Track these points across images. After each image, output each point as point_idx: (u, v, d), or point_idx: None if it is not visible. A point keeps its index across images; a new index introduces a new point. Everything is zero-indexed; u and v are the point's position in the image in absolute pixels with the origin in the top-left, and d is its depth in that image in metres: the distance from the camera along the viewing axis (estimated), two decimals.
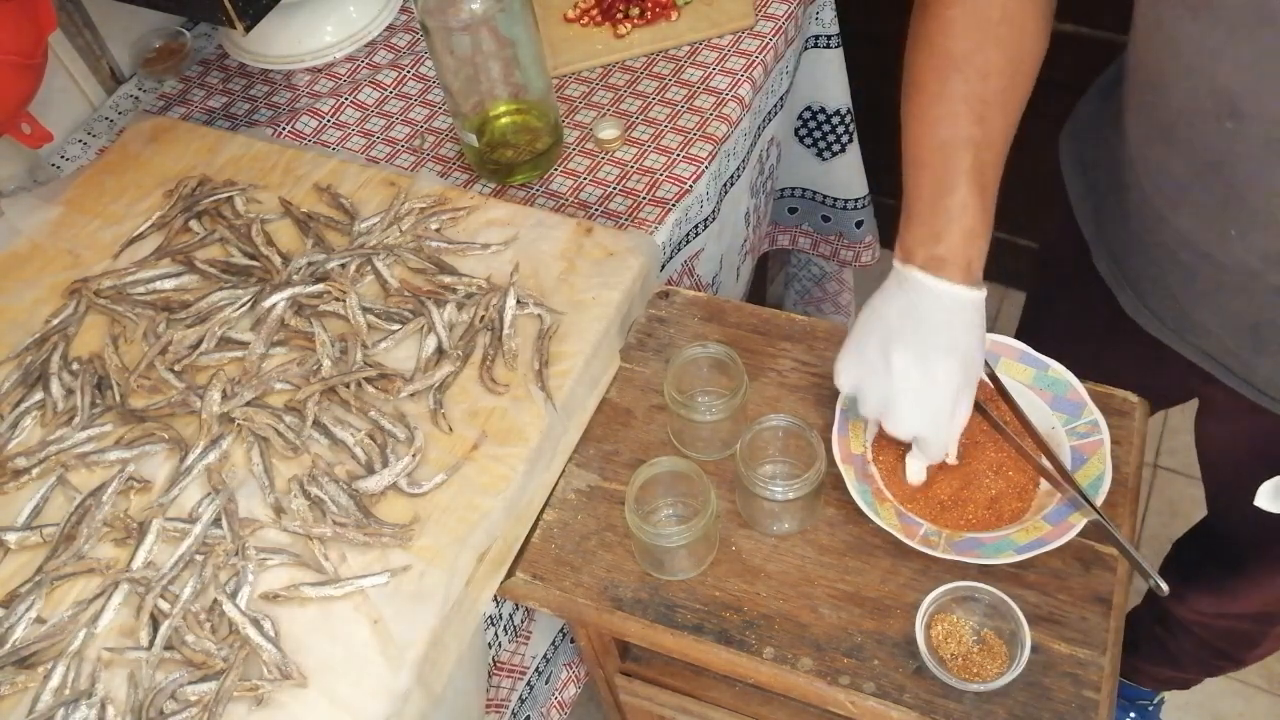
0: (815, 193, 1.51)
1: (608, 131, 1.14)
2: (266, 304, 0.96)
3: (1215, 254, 0.80)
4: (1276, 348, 0.83)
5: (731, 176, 1.20)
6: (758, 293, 1.73)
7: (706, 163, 1.13)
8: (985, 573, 0.81)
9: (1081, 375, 0.87)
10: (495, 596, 0.87)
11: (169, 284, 1.01)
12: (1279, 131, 0.69)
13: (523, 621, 0.97)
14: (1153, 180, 0.84)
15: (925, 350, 0.77)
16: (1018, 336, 1.23)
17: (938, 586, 0.78)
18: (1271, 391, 0.86)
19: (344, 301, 0.97)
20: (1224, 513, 1.13)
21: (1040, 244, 1.19)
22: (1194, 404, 1.06)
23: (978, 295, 0.77)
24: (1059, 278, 1.11)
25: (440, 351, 0.94)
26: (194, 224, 1.06)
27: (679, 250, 1.12)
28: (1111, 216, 0.94)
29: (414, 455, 0.87)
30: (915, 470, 0.85)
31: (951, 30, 0.77)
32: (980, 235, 0.77)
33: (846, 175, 1.48)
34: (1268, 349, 0.84)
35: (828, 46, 1.36)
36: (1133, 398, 0.90)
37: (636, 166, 1.13)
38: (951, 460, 0.84)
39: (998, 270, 2.04)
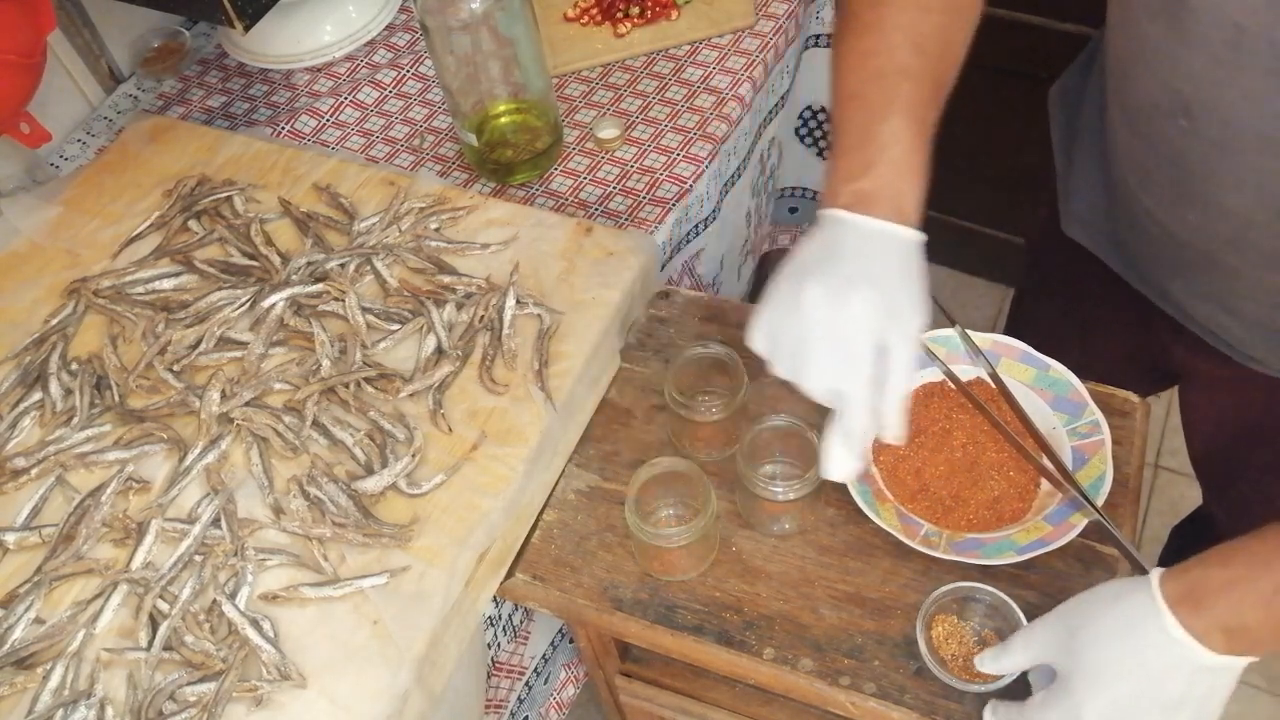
0: (816, 192, 1.51)
1: (608, 131, 1.14)
2: (266, 304, 0.96)
3: (1178, 233, 0.83)
4: (1246, 314, 0.85)
5: (732, 176, 1.20)
6: (758, 293, 1.73)
7: (707, 162, 1.12)
8: (986, 573, 0.81)
9: (1071, 354, 0.87)
10: (495, 597, 0.87)
11: (168, 284, 1.01)
12: (1226, 131, 0.72)
13: (522, 622, 0.97)
14: (1123, 160, 0.86)
15: (838, 281, 0.68)
16: (1009, 323, 1.24)
17: (938, 587, 0.78)
18: (1246, 349, 0.88)
19: (343, 301, 0.96)
20: (1211, 489, 1.14)
21: (1027, 228, 1.20)
22: None
23: (909, 234, 0.69)
24: (1046, 258, 1.12)
25: (440, 351, 0.94)
26: (193, 224, 1.06)
27: (679, 250, 1.12)
28: (1091, 185, 0.96)
29: (413, 455, 0.87)
30: (838, 457, 0.69)
31: None
32: (913, 170, 0.70)
33: None
34: (1237, 315, 0.86)
35: (828, 46, 1.36)
36: (1134, 398, 0.90)
37: (636, 166, 1.13)
38: (893, 438, 0.70)
39: (998, 270, 2.05)
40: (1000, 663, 0.72)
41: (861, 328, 0.67)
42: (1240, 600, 0.63)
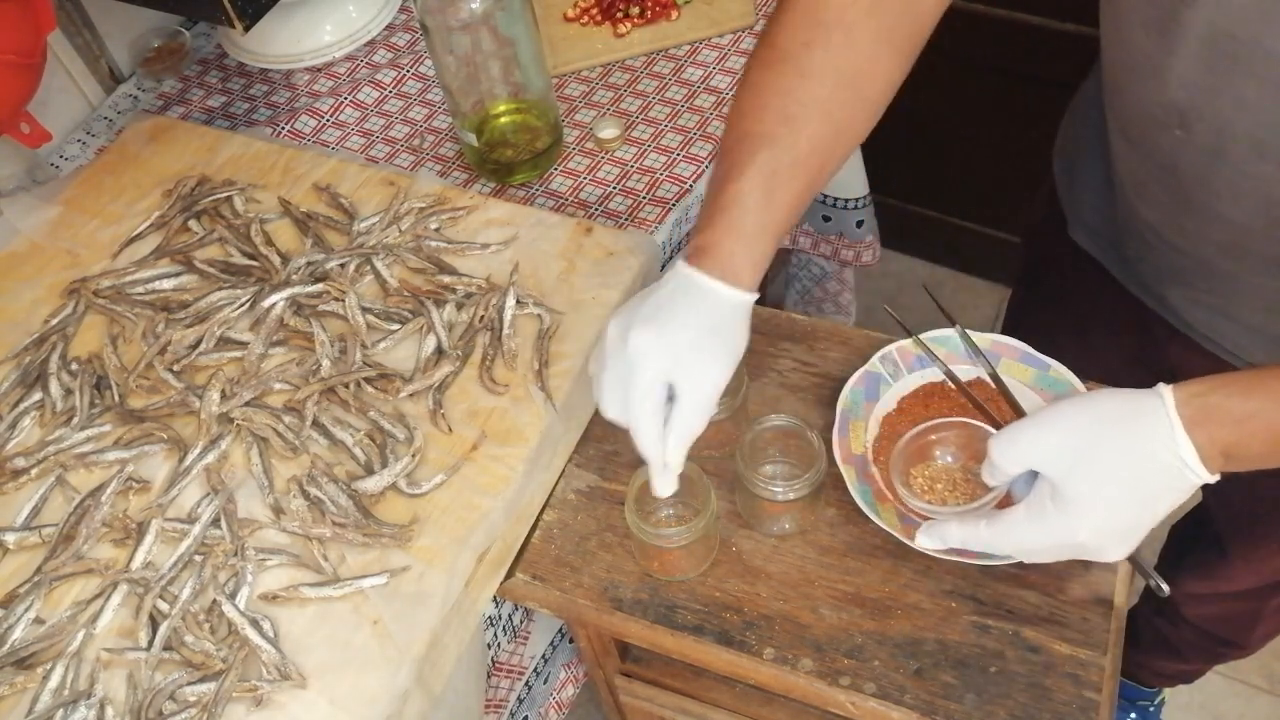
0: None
1: (608, 131, 1.14)
2: (266, 304, 0.96)
3: (1175, 241, 0.84)
4: (1244, 320, 0.86)
5: None
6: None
7: (707, 162, 1.12)
8: (986, 573, 0.81)
9: (1070, 354, 0.87)
10: (495, 597, 0.87)
11: (168, 284, 1.01)
12: (1221, 140, 0.72)
13: (521, 622, 0.97)
14: (1120, 170, 0.87)
15: (628, 321, 0.71)
16: (1006, 320, 1.24)
17: (939, 587, 0.78)
18: (1244, 354, 0.89)
19: (343, 301, 0.96)
20: (1209, 488, 1.14)
21: (1024, 229, 1.20)
22: None
23: (727, 292, 0.71)
24: (1043, 258, 1.12)
25: (440, 351, 0.94)
26: (193, 224, 1.06)
27: (679, 250, 1.12)
28: (1095, 193, 0.96)
29: (413, 455, 0.87)
30: (656, 484, 0.75)
31: (782, 25, 0.74)
32: (748, 235, 0.71)
33: (847, 175, 1.47)
34: (1236, 320, 0.86)
35: None
36: None
37: (636, 166, 1.13)
38: (662, 485, 0.74)
39: (998, 270, 2.05)
40: (1008, 454, 0.69)
41: (642, 366, 0.70)
42: (1253, 434, 0.63)
